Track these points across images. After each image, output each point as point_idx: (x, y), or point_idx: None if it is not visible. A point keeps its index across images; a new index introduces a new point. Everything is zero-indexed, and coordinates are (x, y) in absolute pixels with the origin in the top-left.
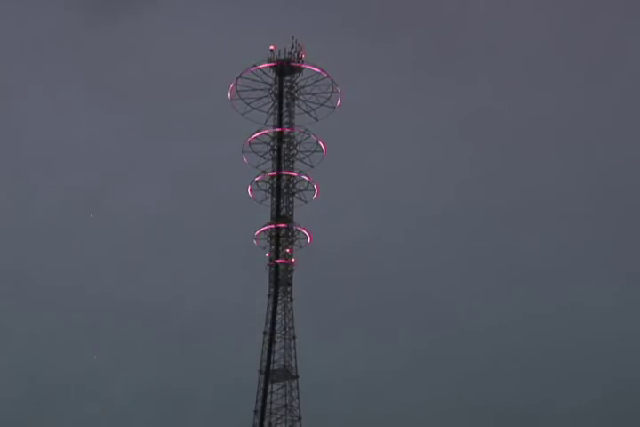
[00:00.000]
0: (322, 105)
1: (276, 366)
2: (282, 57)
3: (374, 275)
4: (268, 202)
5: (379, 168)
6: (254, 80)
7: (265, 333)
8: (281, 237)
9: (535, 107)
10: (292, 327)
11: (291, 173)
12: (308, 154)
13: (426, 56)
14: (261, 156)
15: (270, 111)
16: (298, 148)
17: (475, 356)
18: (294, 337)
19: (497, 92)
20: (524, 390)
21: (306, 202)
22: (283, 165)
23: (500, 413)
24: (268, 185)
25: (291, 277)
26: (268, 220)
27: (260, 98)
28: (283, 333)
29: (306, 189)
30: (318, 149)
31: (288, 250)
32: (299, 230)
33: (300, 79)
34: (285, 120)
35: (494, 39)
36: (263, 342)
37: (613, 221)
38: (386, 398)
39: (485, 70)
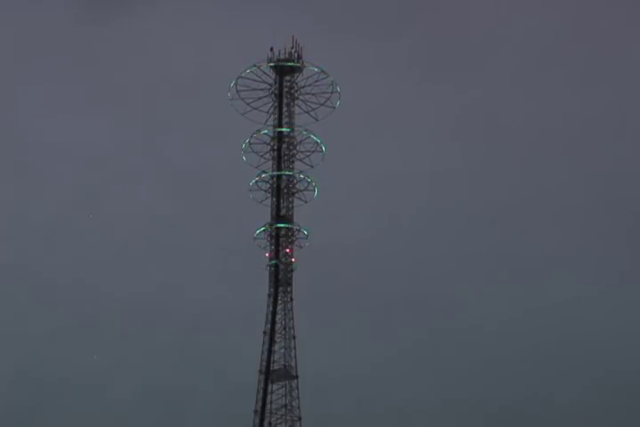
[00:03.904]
0: (322, 105)
1: (276, 366)
2: (282, 57)
3: (374, 275)
4: (268, 202)
5: (379, 168)
6: (254, 80)
7: (265, 333)
8: (281, 237)
9: (528, 107)
10: (292, 327)
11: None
12: (308, 154)
13: (426, 56)
14: (261, 156)
15: (270, 111)
16: (298, 148)
17: (475, 355)
18: (294, 337)
19: (494, 92)
20: (522, 389)
21: (306, 202)
22: (283, 165)
23: (502, 412)
24: (268, 185)
25: (291, 278)
26: (268, 220)
27: (260, 98)
28: (283, 333)
29: (306, 189)
30: (318, 149)
31: (288, 250)
32: (299, 230)
33: (300, 79)
34: (285, 120)
35: (492, 39)
36: (263, 342)
37: (609, 219)
38: (386, 398)
39: (484, 70)
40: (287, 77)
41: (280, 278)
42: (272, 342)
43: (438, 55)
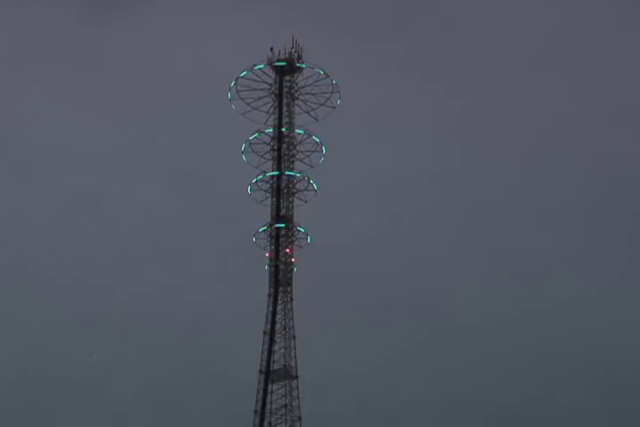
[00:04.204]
0: (322, 105)
1: (276, 366)
2: (282, 57)
3: (374, 275)
4: (268, 202)
5: (379, 168)
6: (254, 80)
7: (265, 333)
8: (281, 238)
9: (527, 107)
10: (292, 327)
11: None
12: (308, 154)
13: (425, 56)
14: (261, 156)
15: (270, 111)
16: (298, 148)
17: (475, 355)
18: (294, 337)
19: (493, 93)
20: (522, 389)
21: (306, 202)
22: (283, 165)
23: (502, 412)
24: (268, 185)
25: (291, 278)
26: (268, 220)
27: (260, 98)
28: (283, 333)
29: (306, 189)
30: (318, 149)
31: (288, 250)
32: (299, 230)
33: (300, 79)
34: (285, 120)
35: (491, 40)
36: (263, 342)
37: (609, 219)
38: (386, 398)
39: (483, 70)
40: (287, 77)
41: (280, 278)
42: (272, 342)
43: (437, 56)
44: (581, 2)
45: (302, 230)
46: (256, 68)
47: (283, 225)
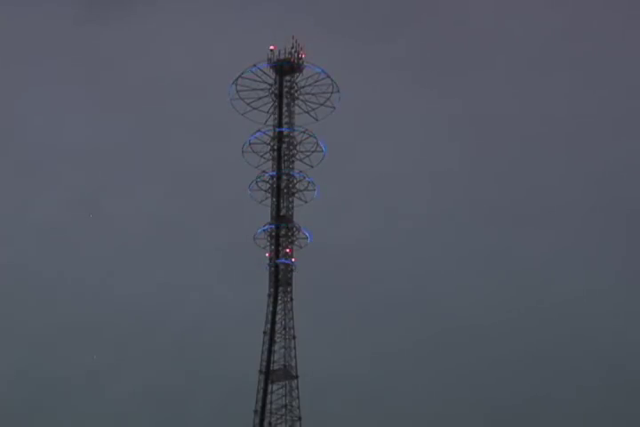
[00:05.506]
0: (322, 105)
1: (276, 366)
2: (282, 57)
3: (374, 275)
4: (268, 202)
5: (378, 168)
6: (254, 80)
7: (265, 333)
8: (281, 238)
9: (525, 107)
10: (292, 327)
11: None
12: (308, 154)
13: (425, 57)
14: (261, 156)
15: (270, 111)
16: (298, 148)
17: (475, 355)
18: (294, 337)
19: (492, 94)
20: (522, 389)
21: (306, 202)
22: (283, 165)
23: (502, 412)
24: (268, 185)
25: (291, 278)
26: (268, 220)
27: (260, 98)
28: (283, 333)
29: (306, 189)
30: (318, 149)
31: (288, 250)
32: (299, 230)
33: (300, 79)
34: (285, 120)
35: (490, 41)
36: (263, 342)
37: (608, 219)
38: (386, 398)
39: (482, 71)
40: (287, 77)
41: (280, 278)
42: (272, 342)
43: (436, 56)
44: (579, 5)
45: (302, 230)
46: (254, 68)
47: (282, 225)
